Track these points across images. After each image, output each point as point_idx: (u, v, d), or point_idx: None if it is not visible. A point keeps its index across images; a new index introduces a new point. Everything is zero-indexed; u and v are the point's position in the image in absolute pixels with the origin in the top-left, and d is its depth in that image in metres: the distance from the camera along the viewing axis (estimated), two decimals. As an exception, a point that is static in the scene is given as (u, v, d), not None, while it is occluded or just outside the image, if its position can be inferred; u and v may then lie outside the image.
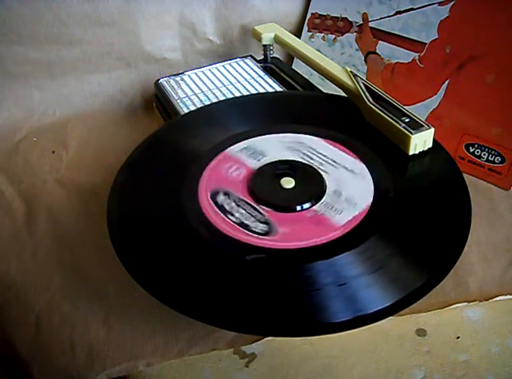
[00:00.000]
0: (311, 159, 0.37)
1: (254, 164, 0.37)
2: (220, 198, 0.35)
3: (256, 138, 0.40)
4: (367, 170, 0.36)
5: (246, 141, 0.39)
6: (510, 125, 0.43)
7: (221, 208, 0.34)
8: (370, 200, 0.34)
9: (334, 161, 0.37)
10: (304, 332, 0.29)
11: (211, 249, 0.32)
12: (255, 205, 0.34)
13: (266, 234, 0.32)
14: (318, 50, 0.50)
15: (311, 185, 0.35)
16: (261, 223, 0.33)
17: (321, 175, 0.36)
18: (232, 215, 0.34)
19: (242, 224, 0.33)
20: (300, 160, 0.37)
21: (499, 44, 0.45)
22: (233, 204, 0.34)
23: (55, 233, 0.42)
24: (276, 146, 0.39)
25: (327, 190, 0.35)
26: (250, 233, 0.32)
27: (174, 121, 0.45)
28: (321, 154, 0.38)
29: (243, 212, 0.34)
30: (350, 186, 0.35)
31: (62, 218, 0.43)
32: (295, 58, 0.57)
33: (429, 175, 0.37)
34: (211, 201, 0.34)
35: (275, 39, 0.54)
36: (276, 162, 0.37)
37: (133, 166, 0.39)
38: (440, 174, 0.37)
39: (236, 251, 0.32)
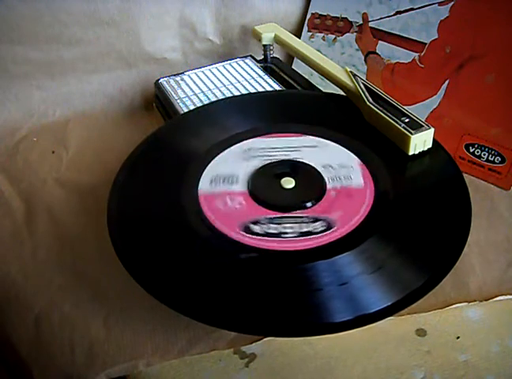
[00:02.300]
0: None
1: (240, 186, 0.36)
2: (255, 228, 0.33)
3: (216, 159, 0.38)
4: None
5: (208, 169, 0.37)
6: (510, 125, 0.43)
7: (267, 234, 0.32)
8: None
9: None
10: (304, 332, 0.29)
11: (211, 249, 0.32)
12: (290, 215, 0.34)
13: (329, 228, 0.32)
14: (318, 50, 0.50)
15: (311, 185, 0.35)
16: (313, 222, 0.33)
17: (321, 176, 0.36)
18: (285, 233, 0.32)
19: (303, 233, 0.32)
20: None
21: (499, 44, 0.45)
22: (272, 226, 0.33)
23: (55, 233, 0.42)
24: (235, 162, 0.38)
25: (319, 168, 0.36)
26: (315, 236, 0.32)
27: (173, 121, 0.45)
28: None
29: (289, 225, 0.33)
30: (334, 156, 0.37)
31: (62, 218, 0.43)
32: (295, 58, 0.57)
33: (429, 175, 0.37)
34: (246, 236, 0.32)
35: (275, 39, 0.54)
36: (277, 161, 0.37)
37: (132, 166, 0.39)
38: (440, 174, 0.37)
39: (236, 251, 0.32)
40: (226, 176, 0.37)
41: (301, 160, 0.37)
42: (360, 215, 0.33)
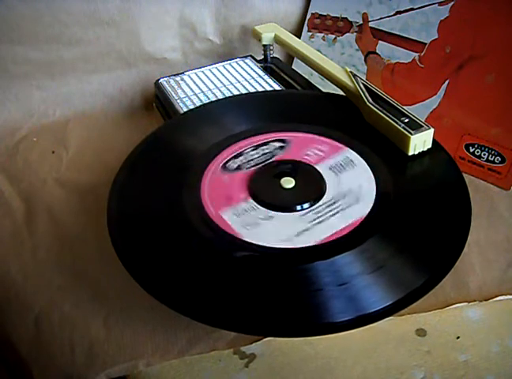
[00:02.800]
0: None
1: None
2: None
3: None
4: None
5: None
6: (510, 125, 0.43)
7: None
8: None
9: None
10: (304, 332, 0.29)
11: (211, 249, 0.32)
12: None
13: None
14: (318, 50, 0.50)
15: (311, 186, 0.36)
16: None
17: (321, 176, 0.36)
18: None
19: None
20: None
21: (499, 44, 0.45)
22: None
23: (55, 233, 0.42)
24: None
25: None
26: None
27: (173, 121, 0.45)
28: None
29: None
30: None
31: (62, 218, 0.43)
32: (295, 58, 0.57)
33: (429, 175, 0.37)
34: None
35: (275, 39, 0.54)
36: (278, 161, 0.37)
37: (132, 166, 0.39)
38: (440, 174, 0.37)
39: (236, 251, 0.32)
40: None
41: (301, 160, 0.37)
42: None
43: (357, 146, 0.38)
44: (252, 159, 0.38)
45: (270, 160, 0.38)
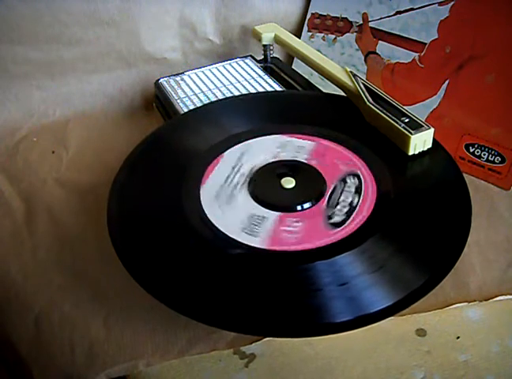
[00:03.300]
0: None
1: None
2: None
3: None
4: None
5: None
6: (510, 125, 0.43)
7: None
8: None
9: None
10: (304, 332, 0.29)
11: (211, 249, 0.32)
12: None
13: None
14: (318, 50, 0.50)
15: (311, 186, 0.36)
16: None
17: (322, 177, 0.36)
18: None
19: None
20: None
21: (499, 44, 0.45)
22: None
23: (55, 233, 0.42)
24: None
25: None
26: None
27: (173, 121, 0.45)
28: None
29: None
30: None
31: (62, 218, 0.43)
32: (295, 58, 0.57)
33: (429, 175, 0.37)
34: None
35: (275, 39, 0.54)
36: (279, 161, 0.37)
37: (132, 166, 0.39)
38: (440, 174, 0.37)
39: (237, 251, 0.32)
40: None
41: (302, 160, 0.37)
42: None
43: (357, 146, 0.38)
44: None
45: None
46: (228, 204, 0.35)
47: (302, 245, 0.31)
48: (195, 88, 0.50)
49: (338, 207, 0.34)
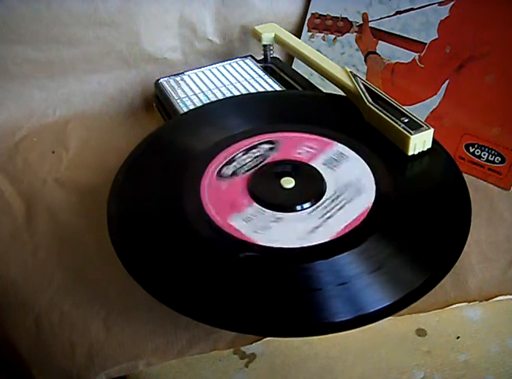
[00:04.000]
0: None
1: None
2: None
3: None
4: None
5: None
6: (510, 125, 0.43)
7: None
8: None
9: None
10: (304, 332, 0.29)
11: (211, 249, 0.32)
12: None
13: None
14: (318, 50, 0.50)
15: (310, 187, 0.36)
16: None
17: (322, 177, 0.36)
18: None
19: None
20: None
21: (499, 44, 0.45)
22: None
23: (55, 233, 0.42)
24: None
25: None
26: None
27: (173, 121, 0.45)
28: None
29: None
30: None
31: (62, 218, 0.43)
32: (295, 58, 0.57)
33: (429, 175, 0.37)
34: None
35: (275, 39, 0.54)
36: (280, 161, 0.37)
37: (132, 166, 0.39)
38: (440, 174, 0.37)
39: (237, 250, 0.32)
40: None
41: (302, 160, 0.37)
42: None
43: (357, 146, 0.38)
44: (246, 163, 0.38)
45: (265, 162, 0.38)
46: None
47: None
48: (195, 88, 0.50)
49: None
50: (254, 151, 0.38)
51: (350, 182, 0.35)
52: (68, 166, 0.50)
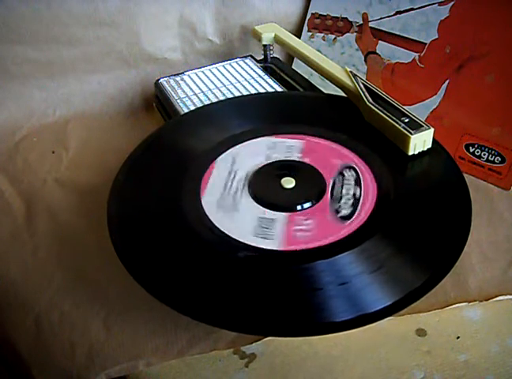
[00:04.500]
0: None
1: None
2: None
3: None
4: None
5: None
6: (510, 125, 0.43)
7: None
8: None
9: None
10: (304, 332, 0.29)
11: (211, 250, 0.32)
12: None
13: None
14: (318, 50, 0.50)
15: (311, 187, 0.36)
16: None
17: (322, 178, 0.36)
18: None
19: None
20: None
21: (499, 44, 0.45)
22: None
23: (55, 233, 0.42)
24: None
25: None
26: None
27: (173, 121, 0.45)
28: None
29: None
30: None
31: (62, 218, 0.43)
32: (295, 58, 0.57)
33: (429, 175, 0.37)
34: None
35: (275, 39, 0.54)
36: (281, 161, 0.38)
37: (132, 166, 0.39)
38: (440, 174, 0.37)
39: (236, 251, 0.32)
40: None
41: (301, 160, 0.37)
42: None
43: (357, 146, 0.38)
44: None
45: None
46: (229, 204, 0.35)
47: (320, 241, 0.31)
48: (195, 88, 0.50)
49: (343, 200, 0.34)
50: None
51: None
52: (68, 166, 0.50)
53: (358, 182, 0.35)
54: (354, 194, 0.34)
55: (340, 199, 0.34)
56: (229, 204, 0.34)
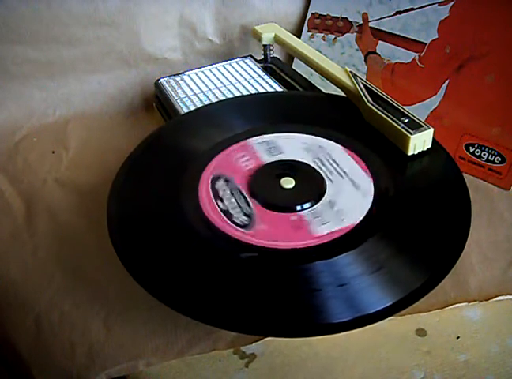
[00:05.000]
0: (323, 164, 0.37)
1: (267, 159, 0.37)
2: (219, 184, 0.35)
3: (277, 135, 0.40)
4: (372, 187, 0.35)
5: (267, 136, 0.39)
6: (510, 125, 0.43)
7: (215, 192, 0.35)
8: (360, 218, 0.33)
9: (344, 172, 0.36)
10: (304, 332, 0.29)
11: (211, 250, 0.32)
12: (248, 198, 0.34)
13: (244, 226, 0.32)
14: (318, 50, 0.50)
15: (310, 188, 0.35)
16: (245, 215, 0.33)
17: (322, 179, 0.36)
18: (222, 201, 0.34)
19: (226, 213, 0.33)
20: (310, 164, 0.37)
21: (499, 44, 0.45)
22: (228, 192, 0.35)
23: (55, 233, 0.42)
24: (294, 146, 0.39)
25: (322, 199, 0.34)
26: (230, 223, 0.33)
27: (173, 121, 0.45)
28: (334, 162, 0.37)
29: (233, 201, 0.34)
30: (348, 201, 0.34)
31: (62, 218, 0.43)
32: (295, 58, 0.57)
33: (429, 175, 0.37)
34: (209, 185, 0.35)
35: (275, 39, 0.54)
36: (281, 161, 0.37)
37: (132, 166, 0.39)
38: (440, 174, 0.37)
39: (236, 251, 0.32)
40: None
41: (301, 160, 0.37)
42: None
43: (357, 146, 0.38)
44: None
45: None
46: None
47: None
48: (195, 88, 0.50)
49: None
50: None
51: (347, 197, 0.35)
52: (68, 166, 0.50)
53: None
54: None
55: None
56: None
